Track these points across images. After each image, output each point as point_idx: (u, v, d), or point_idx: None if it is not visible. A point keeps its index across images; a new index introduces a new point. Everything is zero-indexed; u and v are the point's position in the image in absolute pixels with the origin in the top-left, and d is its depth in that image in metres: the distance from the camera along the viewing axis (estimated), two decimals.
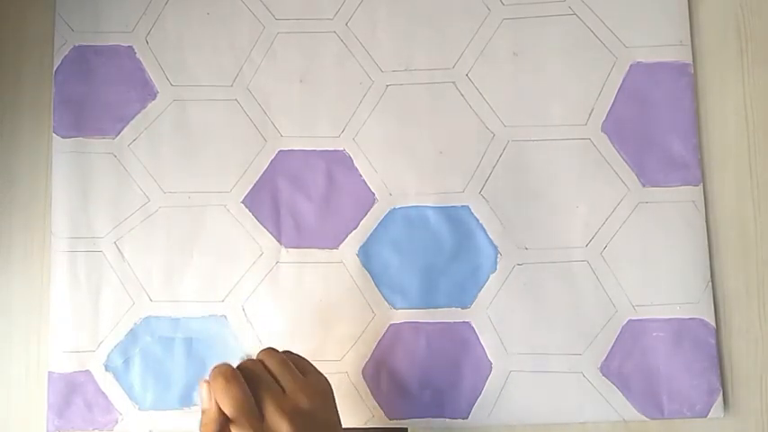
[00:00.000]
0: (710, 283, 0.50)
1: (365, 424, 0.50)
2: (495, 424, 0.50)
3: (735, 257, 0.51)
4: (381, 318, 0.51)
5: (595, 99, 0.52)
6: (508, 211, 0.51)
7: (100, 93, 0.53)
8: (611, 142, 0.52)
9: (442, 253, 0.51)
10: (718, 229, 0.51)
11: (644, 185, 0.51)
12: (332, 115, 0.53)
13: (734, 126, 0.52)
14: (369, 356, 0.51)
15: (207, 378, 0.41)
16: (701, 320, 0.50)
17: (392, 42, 0.53)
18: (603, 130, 0.52)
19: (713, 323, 0.50)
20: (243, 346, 0.51)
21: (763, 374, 0.50)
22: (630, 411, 0.49)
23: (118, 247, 0.52)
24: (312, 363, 0.45)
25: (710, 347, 0.50)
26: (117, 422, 0.50)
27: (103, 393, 0.50)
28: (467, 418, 0.50)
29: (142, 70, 0.53)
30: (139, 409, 0.50)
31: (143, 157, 0.52)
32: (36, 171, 0.53)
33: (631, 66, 0.52)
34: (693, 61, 0.52)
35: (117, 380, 0.51)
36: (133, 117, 0.53)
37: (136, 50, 0.53)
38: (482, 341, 0.50)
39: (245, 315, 0.51)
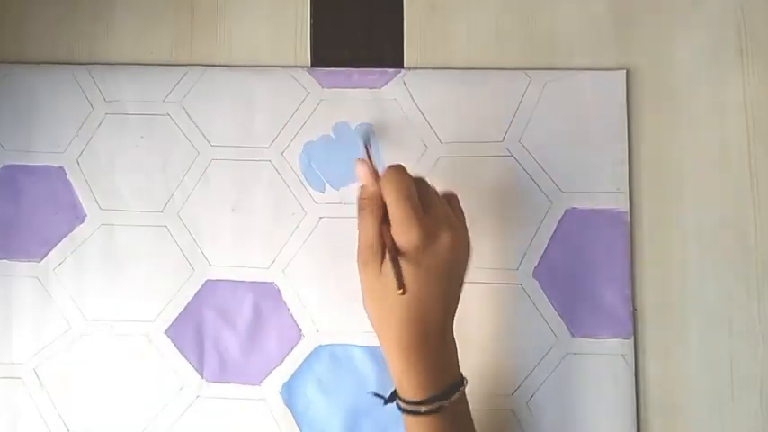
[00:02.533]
0: None
1: None
2: None
3: (735, 257, 0.51)
4: None
5: (528, 243, 0.51)
6: None
7: (28, 214, 0.52)
8: (543, 289, 0.51)
9: (367, 394, 0.50)
10: (719, 229, 0.51)
11: (573, 336, 0.50)
12: (262, 246, 0.52)
13: (734, 127, 0.52)
14: None
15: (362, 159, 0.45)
16: None
17: (328, 174, 0.52)
18: (535, 276, 0.51)
19: None
20: None
21: (763, 374, 0.50)
22: None
23: (37, 375, 0.51)
24: None
25: None
26: None
27: None
28: None
29: (72, 193, 0.52)
30: None
31: (67, 282, 0.52)
32: None
33: (566, 211, 0.51)
34: (630, 210, 0.51)
35: None
36: (60, 240, 0.52)
37: (67, 172, 0.53)
38: None
39: None
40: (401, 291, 0.40)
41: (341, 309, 0.51)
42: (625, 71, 0.52)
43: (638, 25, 0.54)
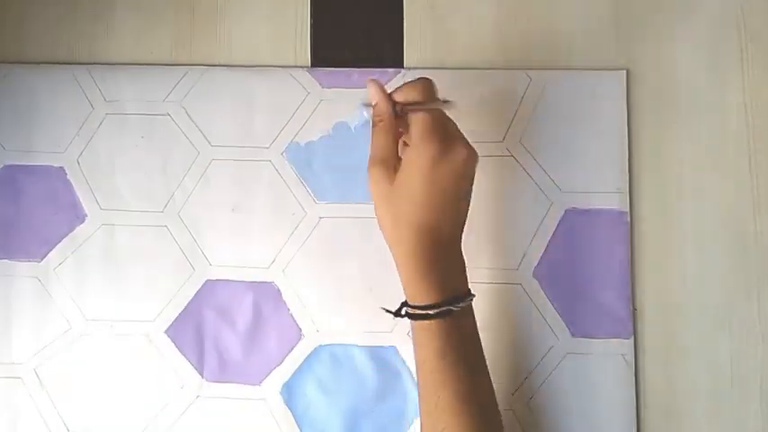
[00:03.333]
0: None
1: None
2: None
3: (735, 257, 0.51)
4: None
5: (528, 243, 0.51)
6: None
7: (28, 214, 0.52)
8: (543, 289, 0.51)
9: (367, 394, 0.50)
10: (719, 229, 0.51)
11: (573, 335, 0.50)
12: (262, 246, 0.52)
13: (734, 127, 0.52)
14: None
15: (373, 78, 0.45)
16: None
17: (328, 174, 0.52)
18: (535, 275, 0.51)
19: None
20: None
21: (763, 374, 0.50)
22: None
23: (37, 375, 0.51)
24: None
25: None
26: None
27: None
28: None
29: (72, 192, 0.52)
30: None
31: (68, 282, 0.52)
32: None
33: (567, 211, 0.51)
34: (631, 211, 0.51)
35: None
36: (60, 240, 0.52)
37: (67, 171, 0.53)
38: None
39: None
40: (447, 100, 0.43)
41: (341, 309, 0.51)
42: (625, 71, 0.52)
43: (638, 25, 0.54)
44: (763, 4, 0.53)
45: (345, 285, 0.51)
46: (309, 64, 0.54)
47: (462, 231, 0.44)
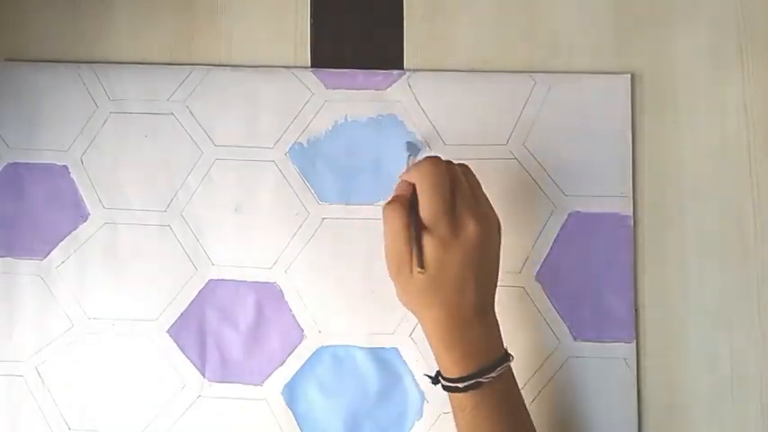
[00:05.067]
0: None
1: None
2: None
3: (735, 257, 0.51)
4: None
5: (531, 247, 0.51)
6: None
7: (31, 212, 0.52)
8: (545, 292, 0.51)
9: (369, 396, 0.50)
10: (720, 230, 0.51)
11: (575, 339, 0.50)
12: (265, 246, 0.52)
13: (734, 127, 0.52)
14: None
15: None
16: None
17: (332, 175, 0.52)
18: (538, 279, 0.51)
19: None
20: None
21: (763, 374, 0.50)
22: None
23: (39, 373, 0.51)
24: None
25: None
26: None
27: None
28: None
29: (75, 191, 0.52)
30: None
31: (70, 280, 0.52)
32: None
33: (570, 215, 0.51)
34: (633, 214, 0.51)
35: None
36: (63, 239, 0.52)
37: (70, 170, 0.53)
38: None
39: None
40: (421, 269, 0.42)
41: (343, 310, 0.51)
42: (629, 75, 0.52)
43: (638, 27, 0.54)
44: (763, 4, 0.53)
45: (348, 286, 0.51)
46: (309, 64, 0.54)
47: (493, 297, 0.45)
